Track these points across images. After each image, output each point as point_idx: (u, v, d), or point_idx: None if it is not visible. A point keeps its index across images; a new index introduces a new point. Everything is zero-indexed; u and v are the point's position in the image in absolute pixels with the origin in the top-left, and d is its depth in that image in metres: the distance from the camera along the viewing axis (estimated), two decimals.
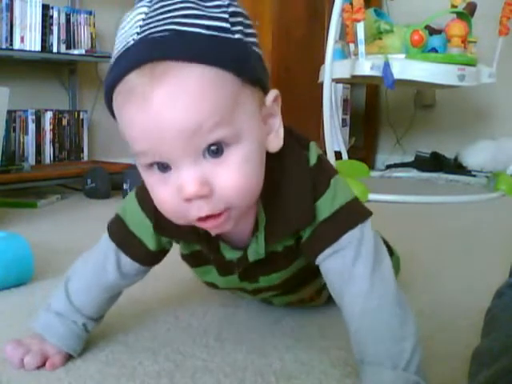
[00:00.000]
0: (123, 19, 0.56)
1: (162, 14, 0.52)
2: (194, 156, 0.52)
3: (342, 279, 0.62)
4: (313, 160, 0.63)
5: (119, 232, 0.72)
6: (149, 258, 0.73)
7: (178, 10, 0.52)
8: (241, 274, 0.72)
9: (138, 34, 0.52)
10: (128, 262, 0.73)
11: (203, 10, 0.52)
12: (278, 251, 0.69)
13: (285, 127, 0.61)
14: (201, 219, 0.55)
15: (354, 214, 0.63)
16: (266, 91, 0.58)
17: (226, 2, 0.54)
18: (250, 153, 0.54)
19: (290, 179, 0.62)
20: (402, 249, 1.12)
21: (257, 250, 0.67)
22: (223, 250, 0.69)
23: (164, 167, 0.54)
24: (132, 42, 0.52)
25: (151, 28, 0.52)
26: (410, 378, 0.57)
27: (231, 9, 0.53)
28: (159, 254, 0.74)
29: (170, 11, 0.52)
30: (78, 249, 0.81)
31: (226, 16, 0.53)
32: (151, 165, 0.54)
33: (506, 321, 0.61)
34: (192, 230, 0.63)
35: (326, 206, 0.62)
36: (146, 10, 0.53)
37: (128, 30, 0.54)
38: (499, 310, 0.64)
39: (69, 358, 0.72)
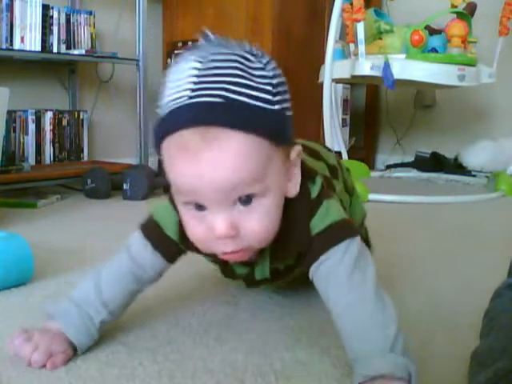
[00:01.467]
0: (173, 64, 0.64)
1: (214, 75, 0.59)
2: (228, 204, 0.62)
3: (327, 282, 0.68)
4: (314, 193, 0.71)
5: (155, 234, 0.77)
6: (176, 256, 0.79)
7: (229, 76, 0.59)
8: (247, 283, 0.84)
9: (192, 90, 0.59)
10: (162, 263, 0.78)
11: (251, 80, 0.60)
12: (279, 269, 0.79)
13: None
14: (225, 254, 0.66)
15: (342, 230, 0.70)
16: (292, 144, 0.67)
17: (271, 73, 0.62)
18: (273, 204, 0.64)
19: (293, 213, 0.70)
20: (401, 249, 1.12)
21: (262, 270, 0.77)
22: (234, 265, 0.78)
23: (200, 207, 0.63)
24: (186, 101, 0.59)
25: (204, 89, 0.59)
26: (397, 360, 0.60)
27: (275, 80, 0.62)
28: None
29: (221, 75, 0.59)
30: (78, 249, 0.81)
31: (270, 88, 0.61)
32: (189, 203, 0.63)
33: (504, 321, 0.61)
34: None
35: (317, 224, 0.70)
36: (198, 65, 0.60)
37: (180, 82, 0.60)
38: (498, 310, 0.64)
39: (73, 357, 0.72)
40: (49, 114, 2.30)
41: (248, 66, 0.61)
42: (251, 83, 0.60)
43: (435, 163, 2.96)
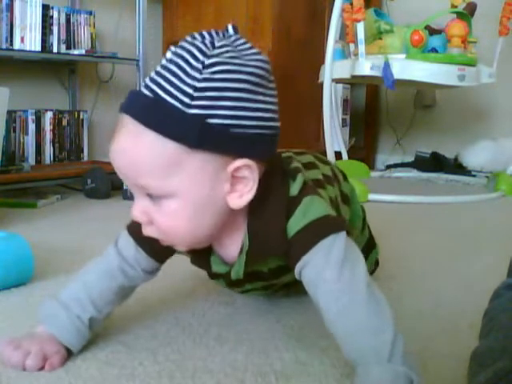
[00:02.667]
0: None
1: (162, 68, 0.63)
2: (140, 192, 0.65)
3: (315, 287, 0.66)
4: (295, 190, 0.69)
5: (137, 230, 0.75)
6: (162, 253, 0.77)
7: (168, 72, 0.62)
8: (226, 283, 0.82)
9: (148, 79, 0.64)
10: (145, 258, 0.77)
11: (181, 79, 0.61)
12: (262, 271, 0.78)
13: (279, 157, 0.73)
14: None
15: (325, 226, 0.68)
16: (233, 156, 0.63)
17: (205, 76, 0.61)
18: (183, 210, 0.64)
19: (267, 214, 0.69)
20: (401, 248, 1.12)
21: (238, 271, 0.75)
22: (213, 261, 0.77)
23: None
24: (139, 88, 0.65)
25: (150, 81, 0.63)
26: (398, 370, 0.58)
27: (203, 84, 0.61)
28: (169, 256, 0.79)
29: (165, 69, 0.62)
30: (78, 249, 0.81)
31: (190, 91, 0.60)
32: None
33: (504, 321, 0.61)
34: None
35: (296, 223, 0.68)
36: (163, 62, 0.64)
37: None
38: (497, 310, 0.64)
39: (67, 358, 0.72)
40: (49, 114, 2.30)
41: (188, 64, 0.61)
42: (178, 83, 0.61)
43: (435, 163, 2.96)
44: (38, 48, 2.18)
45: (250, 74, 0.62)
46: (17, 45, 2.14)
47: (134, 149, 0.62)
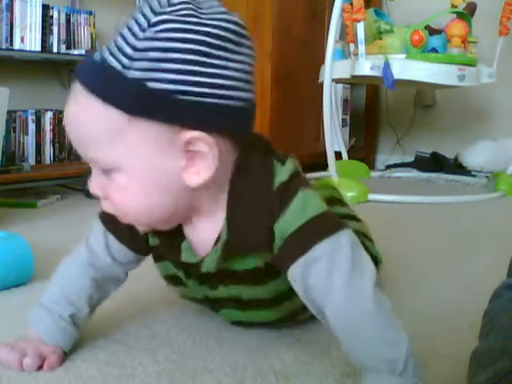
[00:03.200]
0: None
1: (115, 32, 0.59)
2: (95, 167, 0.62)
3: (320, 293, 0.60)
4: (283, 177, 0.62)
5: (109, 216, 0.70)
6: (136, 244, 0.73)
7: (117, 35, 0.58)
8: (196, 276, 0.72)
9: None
10: (116, 246, 0.74)
11: (125, 40, 0.57)
12: (237, 271, 0.69)
13: (263, 141, 0.66)
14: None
15: (326, 224, 0.62)
16: (194, 128, 0.57)
17: (148, 35, 0.56)
18: (132, 184, 0.59)
19: (250, 201, 0.63)
20: (401, 248, 1.12)
21: (210, 264, 0.68)
22: (184, 248, 0.69)
23: None
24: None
25: (104, 46, 0.60)
26: (408, 383, 0.57)
27: (143, 44, 0.55)
28: (145, 245, 0.74)
29: (117, 32, 0.58)
30: None
31: (130, 51, 0.56)
32: None
33: (504, 322, 0.61)
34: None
35: (294, 220, 0.61)
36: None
37: None
38: (497, 311, 0.64)
39: (65, 357, 0.72)
40: (49, 114, 2.30)
41: (136, 23, 0.57)
42: (121, 44, 0.57)
43: (435, 163, 2.96)
44: (38, 48, 2.18)
45: (207, 35, 0.56)
46: (17, 45, 2.14)
47: (80, 116, 0.58)
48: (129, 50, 0.56)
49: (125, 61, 0.56)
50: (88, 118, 0.58)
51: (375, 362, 0.58)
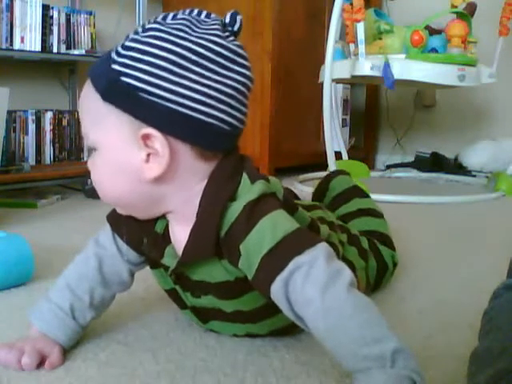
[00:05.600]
0: None
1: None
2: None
3: (300, 307, 0.61)
4: (249, 197, 0.64)
5: (114, 215, 0.76)
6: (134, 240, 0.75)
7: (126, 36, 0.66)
8: (176, 280, 0.74)
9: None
10: (125, 246, 0.76)
11: (124, 39, 0.65)
12: (210, 282, 0.71)
13: (244, 159, 0.68)
14: None
15: (299, 242, 0.63)
16: (152, 126, 0.63)
17: (135, 37, 0.63)
18: (103, 164, 0.67)
19: (207, 214, 0.66)
20: (401, 249, 1.12)
21: (170, 255, 0.72)
22: (167, 252, 0.72)
23: None
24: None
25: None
26: (400, 373, 0.55)
27: (130, 43, 0.63)
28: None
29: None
30: (78, 249, 0.81)
31: (119, 49, 0.64)
32: None
33: (503, 322, 0.61)
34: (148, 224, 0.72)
35: (263, 240, 0.62)
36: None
37: None
38: (496, 311, 0.64)
39: (67, 358, 0.72)
40: (49, 114, 2.30)
41: (139, 28, 0.65)
42: (121, 41, 0.65)
43: (435, 163, 2.96)
44: (38, 48, 2.18)
45: (188, 49, 0.62)
46: (17, 45, 2.14)
47: (83, 98, 0.67)
48: (119, 47, 0.64)
49: (114, 56, 0.64)
50: (84, 100, 0.67)
51: (364, 363, 0.57)
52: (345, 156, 2.66)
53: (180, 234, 0.70)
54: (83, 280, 0.76)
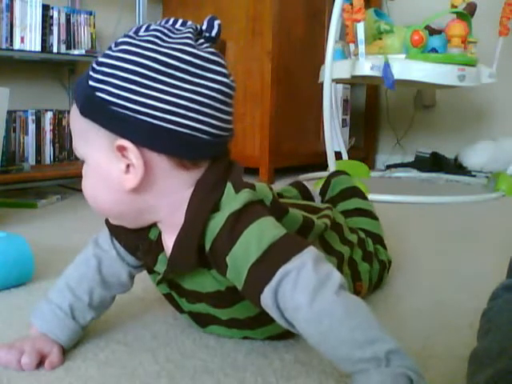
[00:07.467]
0: None
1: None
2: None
3: (291, 313, 0.60)
4: (233, 207, 0.63)
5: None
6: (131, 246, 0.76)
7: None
8: (167, 282, 0.75)
9: None
10: (123, 250, 0.77)
11: (101, 55, 0.65)
12: (201, 292, 0.72)
13: (233, 168, 0.68)
14: None
15: (286, 248, 0.62)
16: (126, 138, 0.63)
17: (105, 52, 0.65)
18: (91, 175, 0.68)
19: (190, 223, 0.65)
20: (401, 249, 1.12)
21: (162, 262, 0.72)
22: (160, 260, 0.73)
23: None
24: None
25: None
26: (395, 371, 0.55)
27: (102, 59, 0.64)
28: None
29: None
30: (78, 249, 0.81)
31: (94, 65, 0.65)
32: None
33: (502, 323, 0.61)
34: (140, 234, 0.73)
35: (249, 250, 0.62)
36: None
37: None
38: (495, 312, 0.64)
39: (67, 358, 0.72)
40: (49, 114, 2.30)
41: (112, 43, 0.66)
42: (98, 57, 0.66)
43: (435, 163, 2.96)
44: (38, 48, 2.18)
45: (155, 61, 0.61)
46: (17, 45, 2.14)
47: (71, 114, 0.69)
48: (94, 64, 0.65)
49: (91, 72, 0.65)
50: (72, 115, 0.68)
51: (360, 365, 0.57)
52: (345, 156, 2.66)
53: (170, 242, 0.69)
54: (83, 280, 0.77)
